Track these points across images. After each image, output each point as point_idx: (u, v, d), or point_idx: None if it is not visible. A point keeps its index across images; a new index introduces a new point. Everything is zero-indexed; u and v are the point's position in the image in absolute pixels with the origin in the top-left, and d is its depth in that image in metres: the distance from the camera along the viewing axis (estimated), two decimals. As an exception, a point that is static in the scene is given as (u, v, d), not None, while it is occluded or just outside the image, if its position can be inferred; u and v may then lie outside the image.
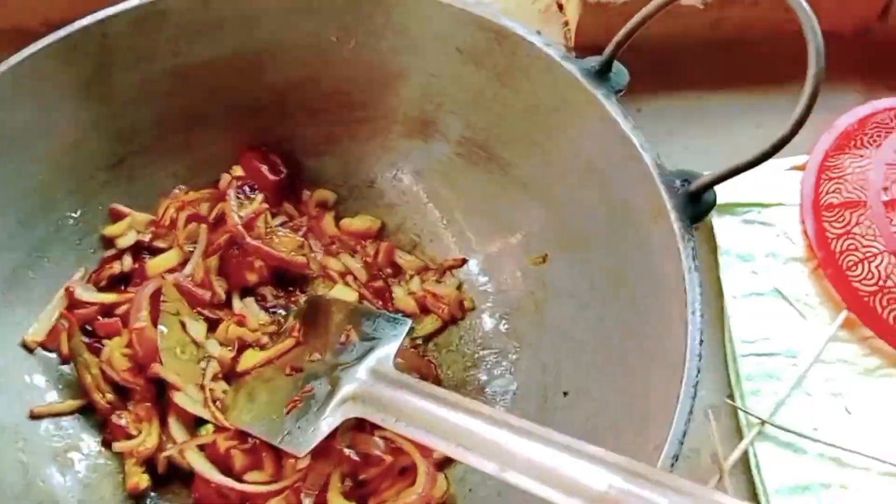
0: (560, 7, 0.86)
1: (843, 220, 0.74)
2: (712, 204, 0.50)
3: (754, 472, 0.64)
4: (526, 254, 0.63)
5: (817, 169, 0.77)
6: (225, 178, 0.66)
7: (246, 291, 0.63)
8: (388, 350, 0.56)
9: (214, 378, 0.58)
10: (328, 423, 0.53)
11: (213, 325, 0.61)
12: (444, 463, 0.57)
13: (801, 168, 0.78)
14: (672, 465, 0.41)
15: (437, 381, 0.62)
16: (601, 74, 0.54)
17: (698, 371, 0.43)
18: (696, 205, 0.49)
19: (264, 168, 0.65)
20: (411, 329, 0.61)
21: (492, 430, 0.46)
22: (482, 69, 0.60)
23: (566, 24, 0.84)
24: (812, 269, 0.75)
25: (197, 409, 0.57)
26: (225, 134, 0.66)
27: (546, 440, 0.44)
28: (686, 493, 0.39)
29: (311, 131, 0.67)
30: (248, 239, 0.61)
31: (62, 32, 0.56)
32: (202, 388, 0.57)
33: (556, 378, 0.57)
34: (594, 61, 0.55)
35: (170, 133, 0.64)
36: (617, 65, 0.55)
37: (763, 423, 0.65)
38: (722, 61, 0.85)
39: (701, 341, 0.44)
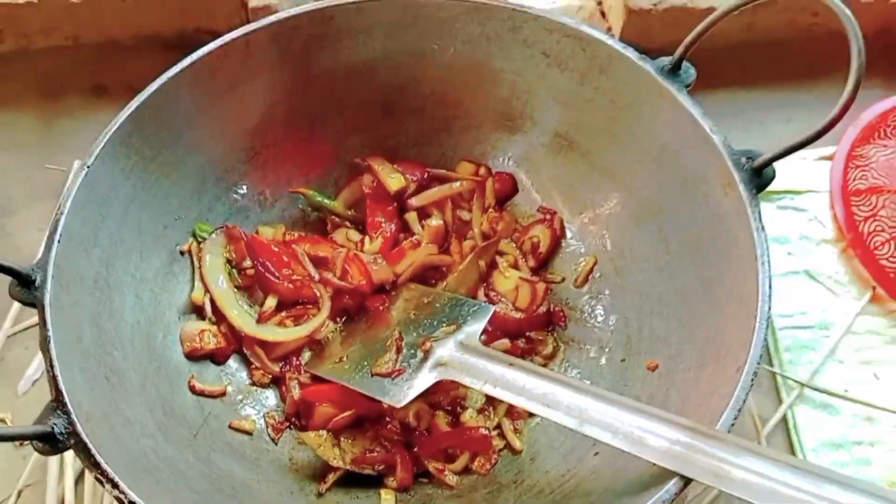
0: (603, 14, 0.96)
1: (870, 205, 0.82)
2: (772, 177, 0.57)
3: (792, 432, 0.73)
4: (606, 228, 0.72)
5: (845, 158, 0.85)
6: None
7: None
8: (475, 328, 0.65)
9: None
10: (422, 382, 0.62)
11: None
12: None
13: (830, 158, 0.87)
14: (752, 380, 0.51)
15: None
16: (673, 72, 0.62)
17: (769, 307, 0.53)
18: (759, 178, 0.57)
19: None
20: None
21: (571, 394, 0.54)
22: (566, 70, 0.69)
23: (609, 29, 0.94)
24: (841, 249, 0.82)
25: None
26: (339, 130, 0.75)
27: (620, 403, 0.52)
28: (740, 448, 0.47)
29: (412, 127, 0.76)
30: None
31: (218, 42, 0.65)
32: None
33: (638, 329, 0.66)
34: (666, 61, 0.63)
35: (295, 129, 0.73)
36: (686, 64, 0.62)
37: (802, 386, 0.74)
38: (754, 62, 0.94)
39: (770, 285, 0.54)
